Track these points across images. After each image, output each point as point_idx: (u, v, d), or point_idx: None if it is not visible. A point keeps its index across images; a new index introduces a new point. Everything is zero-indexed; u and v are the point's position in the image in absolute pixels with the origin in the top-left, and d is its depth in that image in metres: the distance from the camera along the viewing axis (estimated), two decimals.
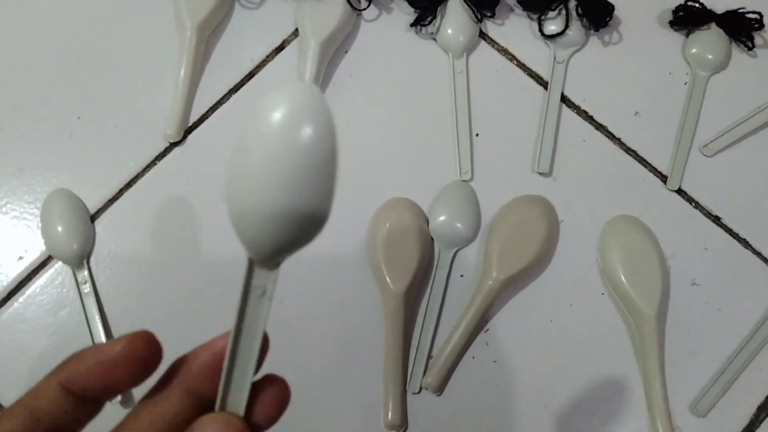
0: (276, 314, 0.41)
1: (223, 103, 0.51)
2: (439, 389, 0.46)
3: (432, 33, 0.53)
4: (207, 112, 0.51)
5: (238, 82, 0.52)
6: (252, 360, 0.23)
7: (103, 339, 0.45)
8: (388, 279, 0.46)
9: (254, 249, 0.22)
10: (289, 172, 0.21)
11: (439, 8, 0.52)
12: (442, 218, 0.48)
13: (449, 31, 0.52)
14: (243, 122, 0.22)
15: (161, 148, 0.50)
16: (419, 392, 0.45)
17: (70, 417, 0.24)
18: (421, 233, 0.47)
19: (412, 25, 0.52)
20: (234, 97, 0.51)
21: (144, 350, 0.24)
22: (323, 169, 0.21)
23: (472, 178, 0.50)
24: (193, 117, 0.51)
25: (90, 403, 0.24)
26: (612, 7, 0.52)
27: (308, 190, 0.21)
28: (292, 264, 0.30)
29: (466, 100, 0.51)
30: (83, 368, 0.23)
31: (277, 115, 0.21)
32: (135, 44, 0.52)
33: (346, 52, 0.53)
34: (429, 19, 0.52)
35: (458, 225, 0.48)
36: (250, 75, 0.52)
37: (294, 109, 0.21)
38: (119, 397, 0.44)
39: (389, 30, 0.53)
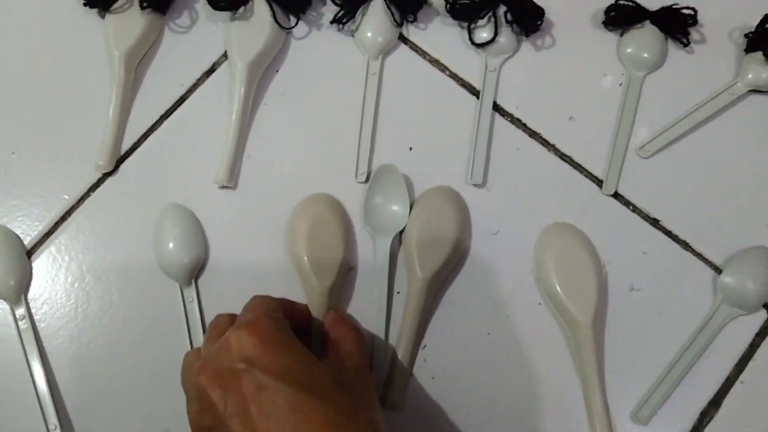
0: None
1: (155, 129, 0.51)
2: (402, 405, 0.45)
3: (352, 31, 0.53)
4: (139, 140, 0.51)
5: (170, 108, 0.52)
6: None
7: (42, 373, 0.45)
8: (312, 275, 0.46)
9: None
10: None
11: (361, 7, 0.52)
12: (378, 200, 0.48)
13: (368, 32, 0.52)
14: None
15: (94, 179, 0.50)
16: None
17: None
18: (342, 226, 0.47)
19: (332, 22, 0.52)
20: (165, 123, 0.51)
21: None
22: None
23: (366, 181, 0.49)
24: (126, 145, 0.51)
25: None
26: (542, 11, 0.52)
27: None
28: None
29: (374, 101, 0.51)
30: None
31: None
32: (66, 75, 0.52)
33: (277, 70, 0.52)
34: (349, 16, 0.52)
35: (394, 207, 0.48)
36: (182, 99, 0.52)
37: None
38: None
39: (319, 45, 0.53)
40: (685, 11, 0.53)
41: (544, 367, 0.46)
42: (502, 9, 0.52)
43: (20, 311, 0.47)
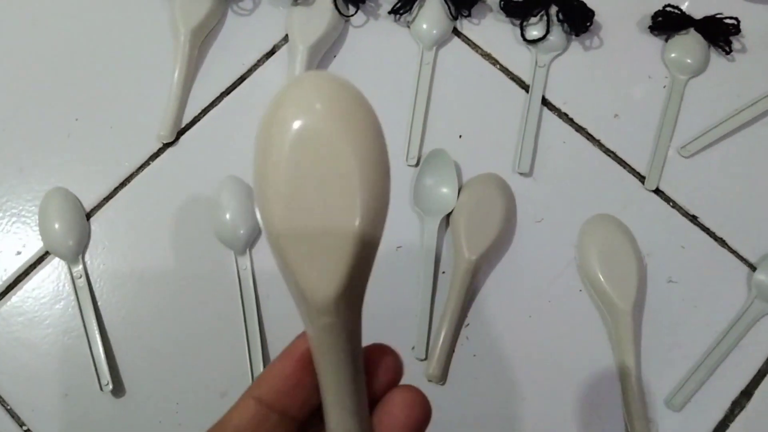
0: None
1: (216, 105, 0.53)
2: (443, 378, 0.47)
3: (408, 22, 0.55)
4: (199, 114, 0.53)
5: (230, 85, 0.54)
6: None
7: (96, 332, 0.47)
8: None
9: None
10: None
11: (418, 0, 0.54)
12: (428, 182, 0.50)
13: (423, 24, 0.54)
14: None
15: (155, 149, 0.52)
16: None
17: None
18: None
19: (390, 12, 0.54)
20: (226, 99, 0.53)
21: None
22: None
23: (417, 165, 0.51)
24: (186, 119, 0.53)
25: (289, 420, 0.24)
26: (592, 13, 0.54)
27: None
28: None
29: (427, 90, 0.53)
30: (268, 376, 0.24)
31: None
32: (131, 48, 0.54)
33: (335, 56, 0.54)
34: (406, 8, 0.54)
35: (444, 190, 0.50)
36: (242, 78, 0.54)
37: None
38: None
39: (376, 33, 0.55)
40: (727, 21, 0.55)
41: (583, 351, 0.48)
42: (553, 9, 0.54)
43: (77, 269, 0.49)
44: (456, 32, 0.55)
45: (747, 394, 0.47)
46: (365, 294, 0.24)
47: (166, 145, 0.52)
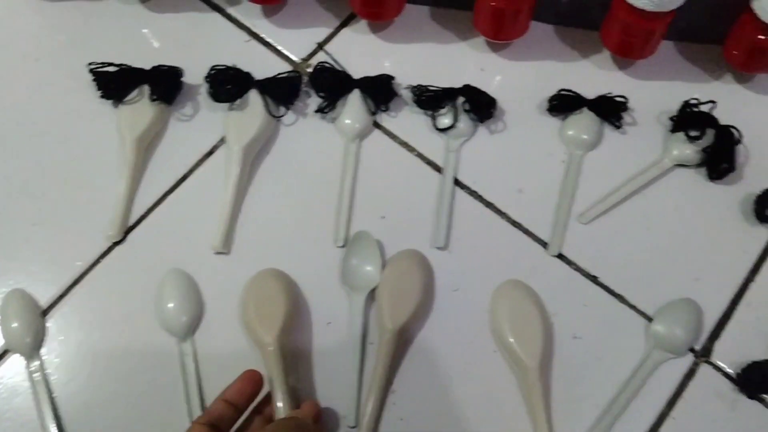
0: None
1: (160, 203, 0.59)
2: None
3: (333, 119, 0.61)
4: (145, 212, 0.58)
5: (173, 185, 0.59)
6: None
7: (53, 423, 0.51)
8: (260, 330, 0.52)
9: None
10: None
11: (341, 99, 0.61)
12: (354, 262, 0.55)
13: (347, 119, 0.60)
14: None
15: (105, 248, 0.57)
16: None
17: None
18: (287, 290, 0.54)
19: (316, 111, 0.61)
20: (169, 197, 0.59)
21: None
22: None
23: (344, 246, 0.57)
24: (134, 218, 0.58)
25: None
26: (494, 102, 0.61)
27: None
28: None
29: (351, 178, 0.59)
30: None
31: None
32: (84, 157, 0.60)
33: (268, 153, 0.61)
34: (330, 106, 0.61)
35: (368, 268, 0.55)
36: (184, 178, 0.60)
37: None
38: None
39: (305, 130, 0.62)
40: (617, 99, 0.62)
41: (499, 408, 0.53)
42: (460, 100, 0.61)
43: (35, 365, 0.53)
44: (376, 125, 0.62)
45: None
46: None
47: (115, 244, 0.57)
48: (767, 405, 0.53)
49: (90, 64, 0.61)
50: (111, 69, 0.61)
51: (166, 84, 0.61)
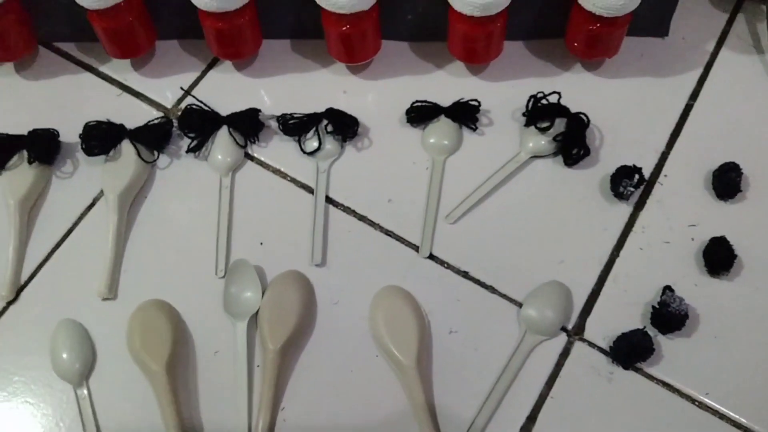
0: None
1: (48, 259, 0.61)
2: None
3: (206, 156, 0.64)
4: (35, 270, 0.61)
5: (59, 240, 0.62)
6: None
7: None
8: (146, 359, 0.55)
9: None
10: None
11: (210, 136, 0.64)
12: (233, 290, 0.58)
13: (218, 155, 0.63)
14: None
15: (0, 308, 0.59)
16: None
17: None
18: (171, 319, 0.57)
19: (187, 151, 0.64)
20: (56, 253, 0.61)
21: None
22: None
23: (225, 276, 0.59)
24: (25, 275, 0.61)
25: None
26: (356, 121, 0.64)
27: None
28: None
29: (227, 210, 0.62)
30: None
31: None
32: None
33: (146, 197, 0.63)
34: (200, 146, 0.64)
35: (247, 294, 0.58)
36: (69, 232, 0.62)
37: None
38: None
39: (179, 170, 0.64)
40: (471, 102, 0.65)
41: (386, 410, 0.55)
42: (324, 122, 0.64)
43: None
44: (248, 156, 0.65)
45: (532, 418, 0.54)
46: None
47: (9, 303, 0.60)
48: (642, 373, 0.56)
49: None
50: None
51: (43, 146, 0.63)
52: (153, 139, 0.64)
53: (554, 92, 0.64)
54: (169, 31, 0.68)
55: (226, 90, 0.68)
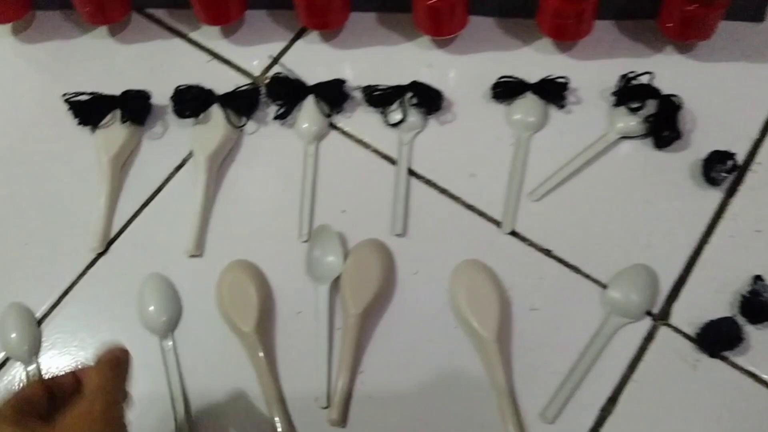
0: None
1: (138, 215, 0.63)
2: (343, 422, 0.54)
3: (291, 124, 0.65)
4: (125, 224, 0.63)
5: (149, 197, 0.64)
6: None
7: None
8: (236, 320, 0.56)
9: None
10: None
11: (297, 105, 0.65)
12: (316, 254, 0.59)
13: (304, 123, 0.64)
14: None
15: (90, 260, 0.62)
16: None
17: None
18: (258, 280, 0.58)
19: (275, 118, 0.65)
20: (146, 209, 0.63)
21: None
22: None
23: (308, 240, 0.60)
24: (115, 230, 0.63)
25: None
26: (440, 94, 0.64)
27: None
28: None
29: (312, 177, 0.63)
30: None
31: None
32: (66, 178, 0.65)
33: (233, 160, 0.65)
34: (287, 113, 0.64)
35: (330, 258, 0.58)
36: (158, 190, 0.64)
37: None
38: None
39: (266, 136, 0.66)
40: (559, 80, 0.64)
41: (463, 381, 0.55)
42: (408, 95, 0.64)
43: (32, 368, 0.58)
44: (333, 126, 0.66)
45: (613, 400, 0.54)
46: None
47: (99, 255, 0.62)
48: (729, 362, 0.55)
49: (64, 95, 0.66)
50: (84, 98, 0.66)
51: (135, 107, 0.65)
52: (241, 104, 0.65)
53: (647, 72, 0.62)
54: (259, 0, 0.70)
55: (312, 60, 0.68)
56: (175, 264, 0.60)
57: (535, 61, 0.66)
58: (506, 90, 0.65)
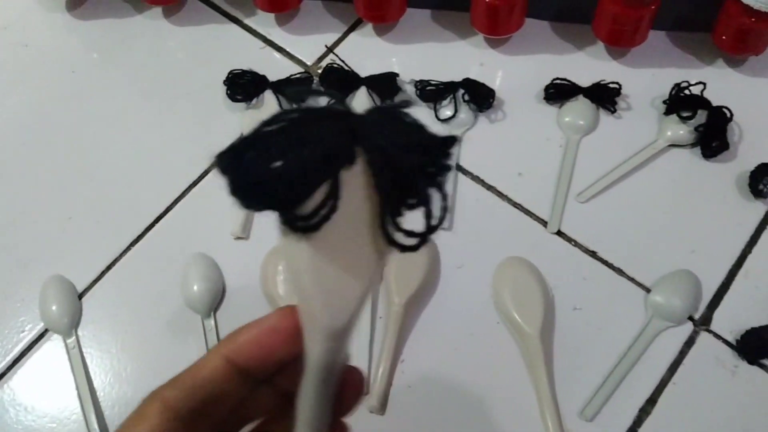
0: None
1: (185, 195, 0.64)
2: (382, 409, 0.54)
3: None
4: (172, 203, 0.63)
5: (196, 179, 0.64)
6: None
7: (87, 391, 0.55)
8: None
9: None
10: None
11: (349, 96, 0.65)
12: None
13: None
14: None
15: (135, 236, 0.62)
16: None
17: (228, 389, 0.27)
18: None
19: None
20: (193, 189, 0.64)
21: (293, 321, 0.28)
22: None
23: None
24: (160, 209, 0.63)
25: (249, 381, 0.28)
26: (493, 92, 0.64)
27: None
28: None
29: None
30: (243, 340, 0.28)
31: None
32: (107, 156, 0.66)
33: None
34: (339, 104, 0.64)
35: None
36: (205, 173, 0.64)
37: None
38: None
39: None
40: (611, 85, 0.65)
41: (503, 375, 0.55)
42: (460, 92, 0.65)
43: (71, 341, 0.58)
44: None
45: (652, 401, 0.54)
46: None
47: (145, 230, 0.62)
48: (767, 370, 0.55)
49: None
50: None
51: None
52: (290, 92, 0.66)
53: (700, 82, 0.63)
54: None
55: (364, 52, 0.69)
56: (220, 245, 0.61)
57: (588, 65, 0.67)
58: (559, 92, 0.65)
